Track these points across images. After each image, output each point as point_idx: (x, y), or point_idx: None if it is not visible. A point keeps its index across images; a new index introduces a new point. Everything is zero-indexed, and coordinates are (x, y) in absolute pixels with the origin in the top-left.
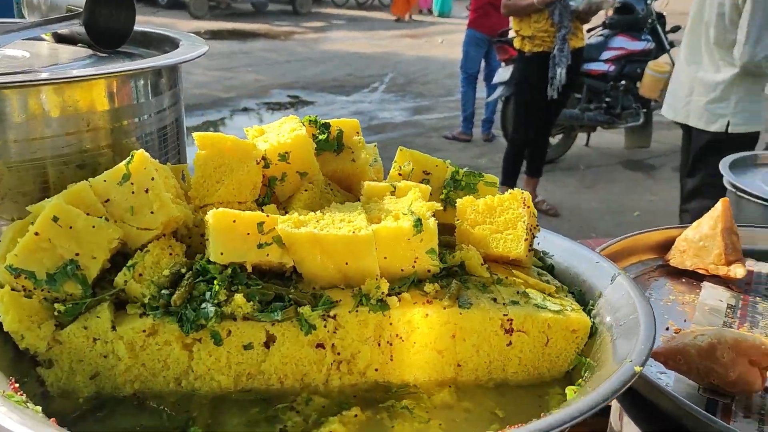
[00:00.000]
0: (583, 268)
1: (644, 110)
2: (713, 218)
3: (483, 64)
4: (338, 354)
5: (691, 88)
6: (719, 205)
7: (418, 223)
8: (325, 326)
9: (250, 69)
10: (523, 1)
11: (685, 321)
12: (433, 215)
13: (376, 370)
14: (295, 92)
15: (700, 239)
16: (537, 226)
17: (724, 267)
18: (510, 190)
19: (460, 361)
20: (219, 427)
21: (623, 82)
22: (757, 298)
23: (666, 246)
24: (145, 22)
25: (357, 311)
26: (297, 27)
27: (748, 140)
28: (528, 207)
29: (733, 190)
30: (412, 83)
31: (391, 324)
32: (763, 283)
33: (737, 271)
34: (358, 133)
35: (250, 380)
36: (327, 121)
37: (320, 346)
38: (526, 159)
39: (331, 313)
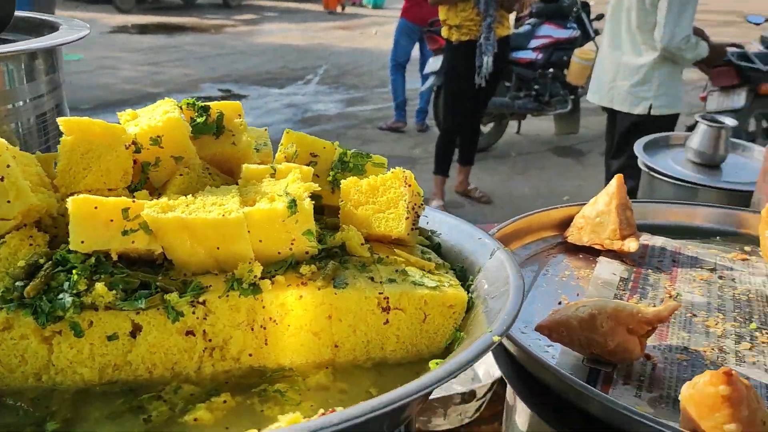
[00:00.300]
0: (466, 244)
1: (572, 97)
2: (608, 195)
3: (418, 54)
4: (210, 341)
5: (615, 72)
6: (614, 182)
7: (293, 205)
8: (193, 313)
9: (180, 63)
10: None
11: (578, 295)
12: (310, 196)
13: (251, 355)
14: (226, 86)
15: (597, 215)
16: (422, 205)
17: (618, 241)
18: (392, 170)
19: (338, 342)
20: (80, 421)
21: (551, 69)
22: (649, 270)
23: (566, 223)
24: (68, 17)
25: (227, 296)
26: (228, 20)
27: (669, 122)
28: (410, 186)
29: (647, 170)
30: (346, 75)
31: (264, 308)
32: (656, 256)
33: (630, 245)
34: (240, 115)
35: (117, 371)
36: (206, 104)
37: (190, 333)
38: (458, 147)
39: (201, 299)
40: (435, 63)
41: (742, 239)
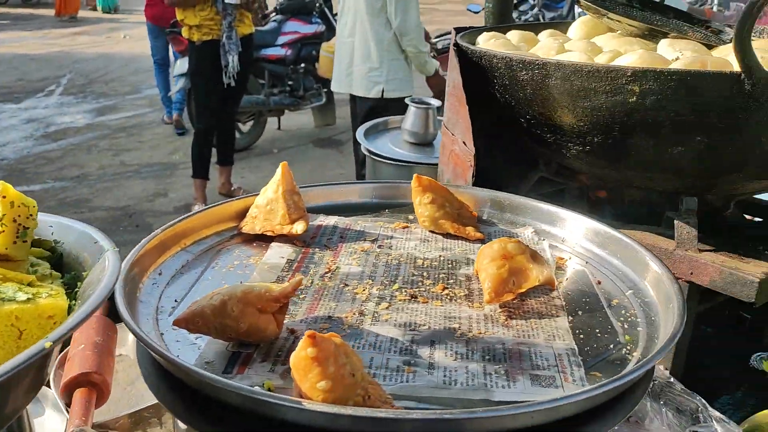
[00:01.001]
0: (85, 249)
1: (325, 90)
2: (276, 182)
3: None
4: None
5: (351, 59)
6: (279, 170)
7: None
8: None
9: None
10: None
11: (241, 282)
12: None
13: None
14: None
15: (267, 203)
16: (30, 216)
17: (288, 226)
18: None
19: None
20: None
21: (302, 64)
22: (316, 249)
23: (243, 215)
24: None
25: None
26: None
27: (402, 104)
28: (5, 197)
29: (369, 154)
30: (94, 83)
31: None
32: (327, 235)
33: (297, 228)
34: None
35: None
36: None
37: None
38: (216, 148)
39: None
40: (183, 65)
41: (407, 209)
